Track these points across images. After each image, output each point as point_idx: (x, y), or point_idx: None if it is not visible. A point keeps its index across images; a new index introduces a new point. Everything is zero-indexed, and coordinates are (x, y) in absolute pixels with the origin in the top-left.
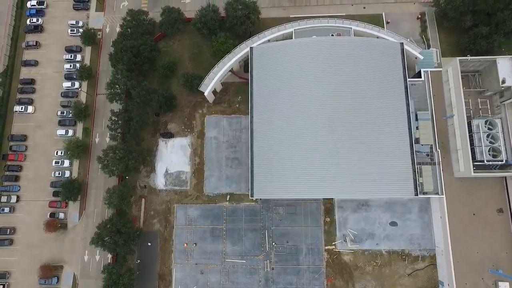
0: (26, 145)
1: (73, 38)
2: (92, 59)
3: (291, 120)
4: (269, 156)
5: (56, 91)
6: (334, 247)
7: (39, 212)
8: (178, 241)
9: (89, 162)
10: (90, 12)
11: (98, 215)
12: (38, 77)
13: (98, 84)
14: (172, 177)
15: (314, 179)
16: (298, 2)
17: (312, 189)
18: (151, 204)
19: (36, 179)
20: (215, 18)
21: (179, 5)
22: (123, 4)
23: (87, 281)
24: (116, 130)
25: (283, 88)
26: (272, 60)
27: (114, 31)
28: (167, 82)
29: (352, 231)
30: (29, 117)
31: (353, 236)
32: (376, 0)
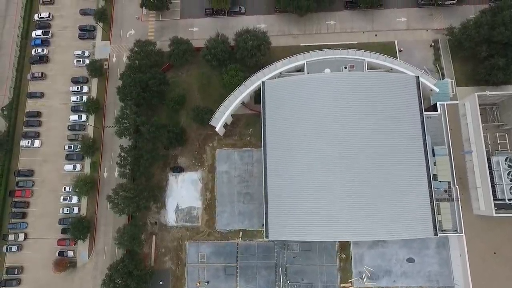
0: (33, 180)
1: (79, 69)
2: (99, 90)
3: (305, 158)
4: (284, 197)
5: (63, 124)
6: (350, 284)
7: (48, 250)
8: (191, 279)
9: (97, 198)
10: (96, 41)
11: (108, 253)
12: (44, 109)
13: (106, 117)
14: (183, 213)
15: (330, 221)
16: (308, 30)
17: (328, 232)
18: (162, 241)
19: (44, 216)
20: (225, 50)
21: (187, 33)
22: (129, 32)
23: None
24: (125, 167)
25: (297, 125)
26: (284, 96)
27: (121, 60)
28: (176, 115)
29: (368, 268)
30: (36, 151)
31: (370, 273)
32: (387, 27)
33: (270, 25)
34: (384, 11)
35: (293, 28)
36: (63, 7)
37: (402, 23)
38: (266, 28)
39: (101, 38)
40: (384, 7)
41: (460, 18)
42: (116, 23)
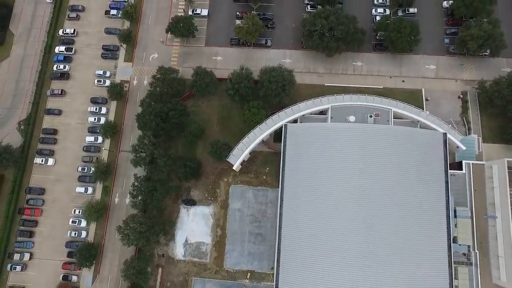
0: (43, 199)
1: (99, 89)
2: (117, 113)
3: (323, 210)
4: (297, 248)
5: (78, 144)
6: None
7: (52, 272)
8: None
9: (106, 224)
10: (118, 62)
11: (113, 281)
12: (61, 127)
13: (122, 141)
14: (191, 248)
15: (345, 280)
16: (334, 69)
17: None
18: (168, 275)
19: (51, 236)
20: (248, 86)
21: (210, 61)
22: (152, 56)
23: None
24: (137, 197)
25: (316, 173)
26: (306, 141)
27: (142, 84)
28: (193, 146)
29: None
30: (49, 169)
31: None
32: (416, 74)
33: (296, 61)
34: (413, 56)
35: (319, 66)
36: (89, 24)
37: (431, 70)
38: (291, 64)
39: (123, 59)
40: (413, 52)
41: (492, 71)
42: (139, 45)
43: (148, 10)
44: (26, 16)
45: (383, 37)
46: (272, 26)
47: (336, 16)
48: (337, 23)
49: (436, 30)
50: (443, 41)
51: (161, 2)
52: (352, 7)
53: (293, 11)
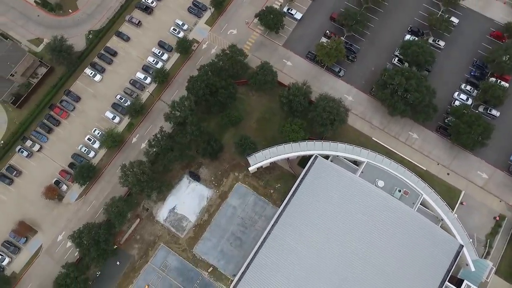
0: (75, 106)
1: (171, 36)
2: (175, 65)
3: (309, 258)
4: (268, 273)
5: (128, 75)
6: None
7: (49, 172)
8: (144, 277)
9: (114, 156)
10: (200, 21)
11: (94, 208)
12: (121, 52)
13: (166, 91)
14: (174, 217)
15: None
16: (388, 128)
17: None
18: (142, 229)
19: (64, 141)
20: (302, 103)
21: (279, 63)
22: (231, 31)
23: (47, 259)
24: (153, 148)
25: (320, 218)
26: (326, 181)
27: (209, 51)
28: (224, 129)
29: None
30: (93, 84)
31: None
32: (464, 173)
33: (357, 102)
34: (471, 156)
35: (375, 118)
36: None
37: (481, 178)
38: (352, 103)
39: (205, 21)
40: (473, 152)
41: None
42: (226, 15)
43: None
44: None
45: (452, 123)
46: (352, 59)
47: (417, 82)
48: (415, 88)
49: (509, 145)
50: (509, 158)
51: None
52: (437, 80)
53: (380, 55)
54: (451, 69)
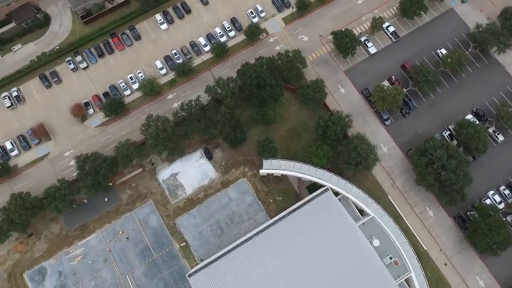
0: (133, 43)
1: (245, 17)
2: (236, 45)
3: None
4: (227, 273)
5: (191, 35)
6: None
7: (84, 91)
8: (122, 223)
9: (146, 104)
10: (278, 15)
11: (108, 141)
12: (195, 13)
13: (216, 66)
14: (173, 183)
15: None
16: (407, 194)
17: None
18: (140, 180)
19: (109, 70)
20: (337, 134)
21: (334, 86)
22: (302, 36)
23: (48, 168)
24: (183, 111)
25: (290, 252)
26: (323, 214)
27: (273, 46)
28: (254, 124)
29: None
30: (157, 30)
31: None
32: (462, 271)
33: (390, 156)
34: (476, 258)
35: (400, 179)
36: None
37: (477, 284)
38: (384, 155)
39: (282, 17)
40: (482, 256)
41: None
42: (304, 20)
43: (339, 2)
44: None
45: (473, 219)
46: (404, 114)
47: (458, 164)
48: (453, 169)
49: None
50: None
51: (354, 7)
52: (479, 170)
53: (433, 122)
54: (498, 167)
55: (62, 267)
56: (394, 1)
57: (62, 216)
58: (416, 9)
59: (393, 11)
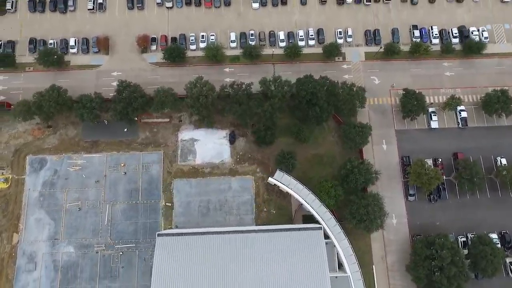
0: (221, 6)
1: (332, 34)
2: (310, 54)
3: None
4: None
5: (276, 25)
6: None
7: (157, 28)
8: (126, 158)
9: (202, 64)
10: (363, 48)
11: (153, 79)
12: (292, 4)
13: (285, 65)
14: (189, 146)
15: None
16: (392, 277)
17: None
18: (162, 129)
19: (187, 20)
20: (357, 183)
21: (379, 140)
22: (374, 78)
23: (93, 77)
24: (231, 89)
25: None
26: (299, 252)
27: (344, 72)
28: (286, 132)
29: None
30: (248, 6)
31: None
32: None
33: (395, 230)
34: None
35: (393, 259)
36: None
37: None
38: (389, 226)
39: (366, 50)
40: None
41: None
42: (384, 63)
43: (426, 64)
44: None
45: None
46: (431, 200)
47: (457, 274)
48: (449, 276)
49: None
50: None
51: (439, 75)
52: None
53: (455, 222)
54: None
55: (60, 167)
56: (482, 91)
57: (82, 125)
58: (499, 108)
59: (475, 99)
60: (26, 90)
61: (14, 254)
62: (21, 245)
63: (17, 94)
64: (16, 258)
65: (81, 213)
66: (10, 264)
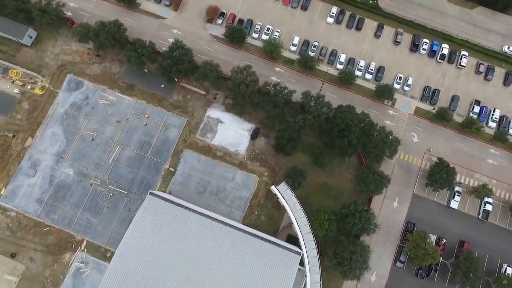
0: (297, 7)
1: (391, 79)
2: (361, 87)
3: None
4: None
5: (339, 44)
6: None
7: (230, 4)
8: (152, 111)
9: (257, 55)
10: (416, 101)
11: (205, 51)
12: (365, 32)
13: (332, 86)
14: (212, 125)
15: None
16: None
17: None
18: (195, 99)
19: (260, 8)
20: (354, 228)
21: (391, 198)
22: (415, 135)
23: (152, 28)
24: (273, 88)
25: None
26: (272, 265)
27: (386, 117)
28: (307, 152)
29: None
30: (322, 18)
31: None
32: None
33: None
34: None
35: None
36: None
37: None
38: (366, 281)
39: (418, 105)
40: None
41: None
42: (432, 126)
43: (472, 143)
44: None
45: None
46: (418, 274)
47: None
48: None
49: None
50: None
51: (481, 160)
52: None
53: None
54: None
55: (92, 96)
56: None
57: (127, 66)
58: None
59: (507, 197)
60: (92, 15)
61: (22, 155)
62: (31, 150)
63: (83, 16)
64: (22, 159)
65: (93, 144)
66: (15, 162)
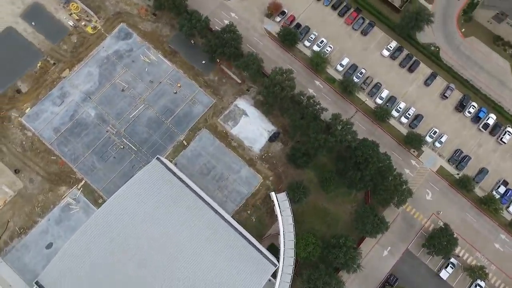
0: (357, 30)
1: (426, 130)
2: (393, 128)
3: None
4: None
5: (385, 80)
6: None
7: (292, 6)
8: (185, 82)
9: (303, 63)
10: (444, 162)
11: (256, 41)
12: (418, 79)
13: (366, 117)
14: (237, 114)
15: None
16: None
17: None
18: (229, 84)
19: (323, 22)
20: (337, 261)
21: (380, 246)
22: (432, 200)
23: (213, 5)
24: (307, 100)
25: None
26: (244, 265)
27: (407, 166)
28: (317, 169)
29: None
30: (378, 49)
31: None
32: None
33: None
34: None
35: None
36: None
37: None
38: None
39: (443, 164)
40: None
41: None
42: (451, 190)
43: (484, 225)
44: None
45: None
46: None
47: None
48: None
49: None
50: None
51: (486, 245)
52: None
53: None
54: None
55: (136, 50)
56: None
57: (177, 33)
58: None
59: (501, 287)
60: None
61: (55, 84)
62: (65, 81)
63: None
64: (54, 87)
65: (121, 94)
66: (47, 88)
